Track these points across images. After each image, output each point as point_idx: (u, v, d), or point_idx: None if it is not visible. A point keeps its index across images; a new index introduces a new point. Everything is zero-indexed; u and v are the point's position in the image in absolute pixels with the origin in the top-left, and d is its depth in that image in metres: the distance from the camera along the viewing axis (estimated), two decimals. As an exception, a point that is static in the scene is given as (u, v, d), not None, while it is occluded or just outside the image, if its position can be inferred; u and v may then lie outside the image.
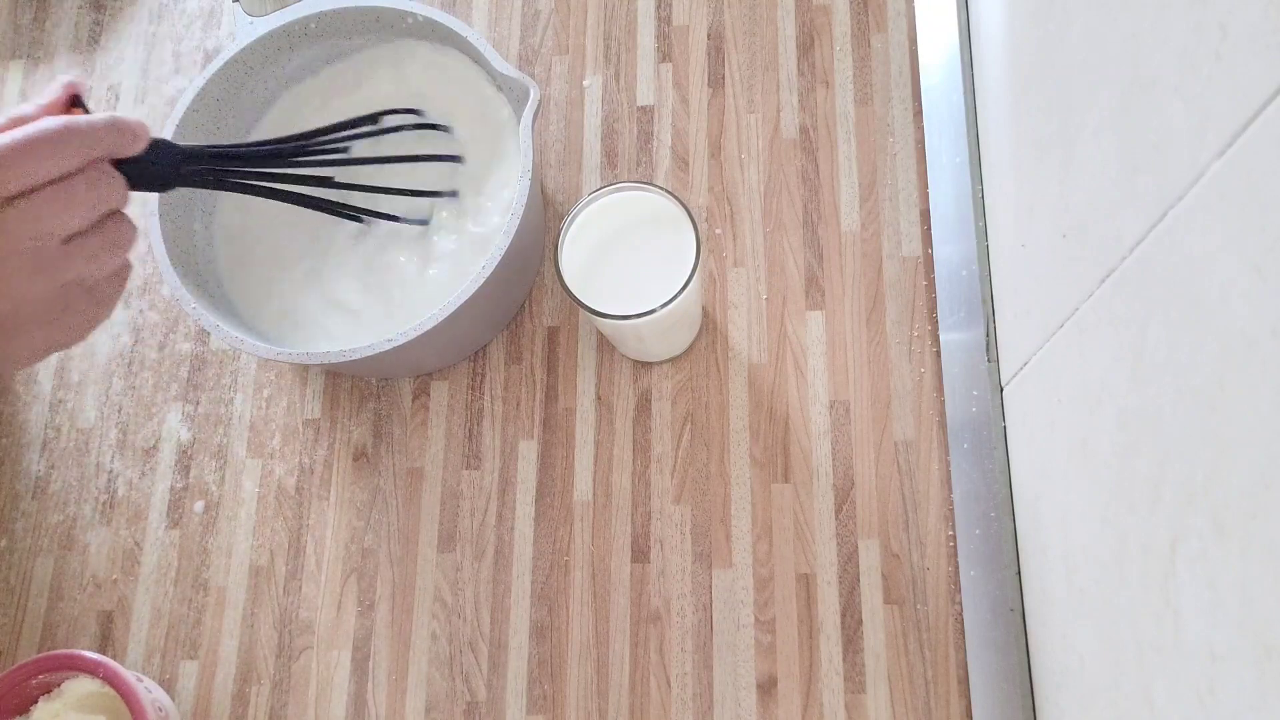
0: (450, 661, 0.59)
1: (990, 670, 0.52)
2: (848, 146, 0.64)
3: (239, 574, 0.62)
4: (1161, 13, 0.33)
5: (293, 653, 0.61)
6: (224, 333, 0.56)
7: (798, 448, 0.59)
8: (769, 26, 0.67)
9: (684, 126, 0.66)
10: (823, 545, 0.58)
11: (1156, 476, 0.35)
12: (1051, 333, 0.46)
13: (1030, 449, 0.50)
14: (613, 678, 0.57)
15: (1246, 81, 0.28)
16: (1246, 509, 0.29)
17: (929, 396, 0.59)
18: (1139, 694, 0.37)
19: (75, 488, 0.66)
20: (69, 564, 0.64)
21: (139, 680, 0.56)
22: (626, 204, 0.54)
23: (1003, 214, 0.54)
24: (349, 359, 0.55)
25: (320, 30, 0.63)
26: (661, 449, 0.61)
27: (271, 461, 0.64)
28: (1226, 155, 0.29)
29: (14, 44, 0.77)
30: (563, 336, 0.64)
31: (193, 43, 0.75)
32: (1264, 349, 0.27)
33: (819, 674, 0.56)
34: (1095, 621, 0.41)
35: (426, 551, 0.61)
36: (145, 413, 0.66)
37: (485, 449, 0.63)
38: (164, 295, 0.69)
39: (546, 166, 0.67)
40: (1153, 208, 0.34)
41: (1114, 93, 0.37)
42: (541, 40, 0.70)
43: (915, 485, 0.58)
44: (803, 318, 0.62)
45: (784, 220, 0.63)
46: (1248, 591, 0.29)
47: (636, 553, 0.59)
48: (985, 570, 0.53)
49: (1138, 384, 0.36)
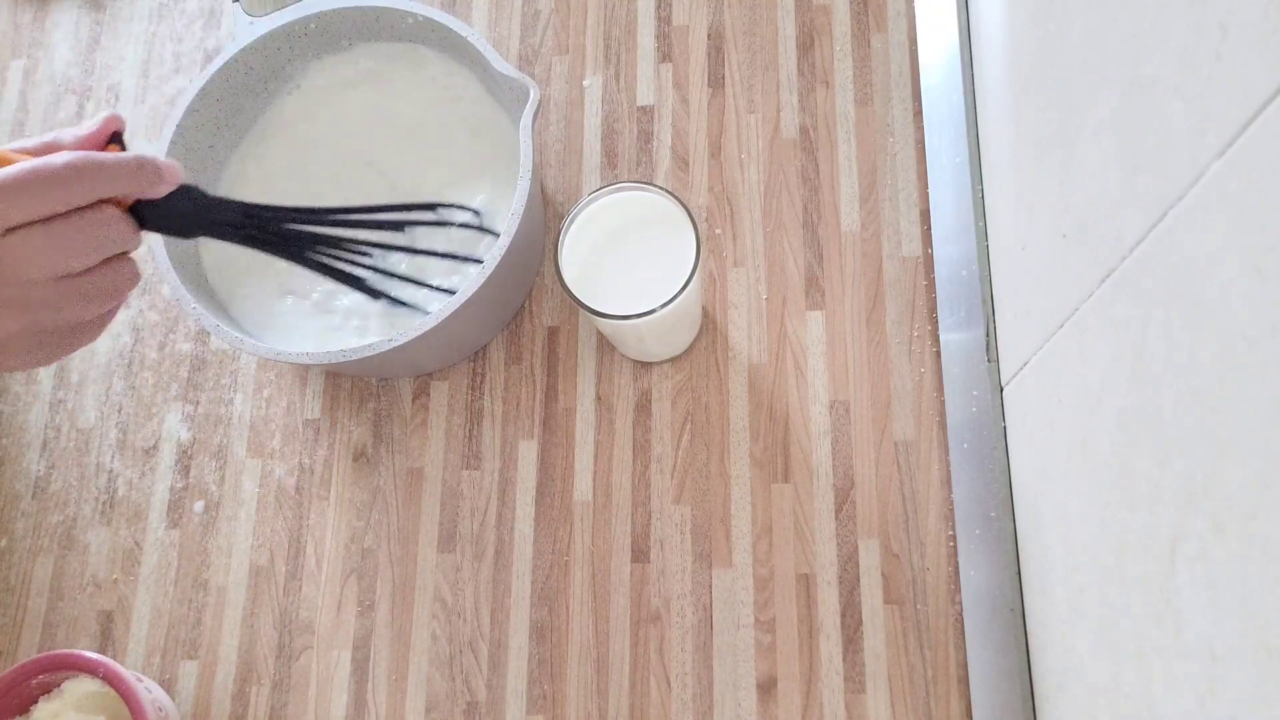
0: (450, 661, 0.59)
1: (990, 670, 0.52)
2: (848, 146, 0.64)
3: (239, 574, 0.62)
4: (1161, 13, 0.33)
5: (293, 653, 0.61)
6: (224, 333, 0.56)
7: (798, 448, 0.59)
8: (769, 26, 0.67)
9: (684, 126, 0.66)
10: (823, 545, 0.57)
11: (1156, 476, 0.35)
12: (1051, 333, 0.46)
13: (1030, 449, 0.50)
14: (613, 678, 0.57)
15: (1246, 81, 0.28)
16: (1246, 509, 0.29)
17: (929, 396, 0.59)
18: (1139, 694, 0.37)
19: (75, 488, 0.66)
20: (69, 564, 0.64)
21: (139, 680, 0.56)
22: (626, 204, 0.54)
23: (1003, 214, 0.54)
24: (349, 359, 0.55)
25: (320, 30, 0.63)
26: (661, 449, 0.61)
27: (271, 461, 0.64)
28: (1226, 155, 0.29)
29: (14, 44, 0.77)
30: (563, 336, 0.64)
31: (193, 43, 0.75)
32: (1264, 349, 0.27)
33: (819, 674, 0.56)
34: (1095, 621, 0.41)
35: (426, 552, 0.61)
36: (145, 413, 0.67)
37: (485, 449, 0.63)
38: (164, 295, 0.69)
39: (546, 166, 0.67)
40: (1153, 208, 0.34)
41: (1114, 93, 0.37)
42: (541, 40, 0.70)
43: (915, 485, 0.58)
44: (803, 318, 0.62)
45: (784, 220, 0.63)
46: (1248, 591, 0.29)
47: (636, 553, 0.59)
48: (985, 570, 0.53)
49: (1138, 384, 0.36)
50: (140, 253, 0.69)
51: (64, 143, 0.39)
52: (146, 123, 0.73)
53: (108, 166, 0.37)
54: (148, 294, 0.69)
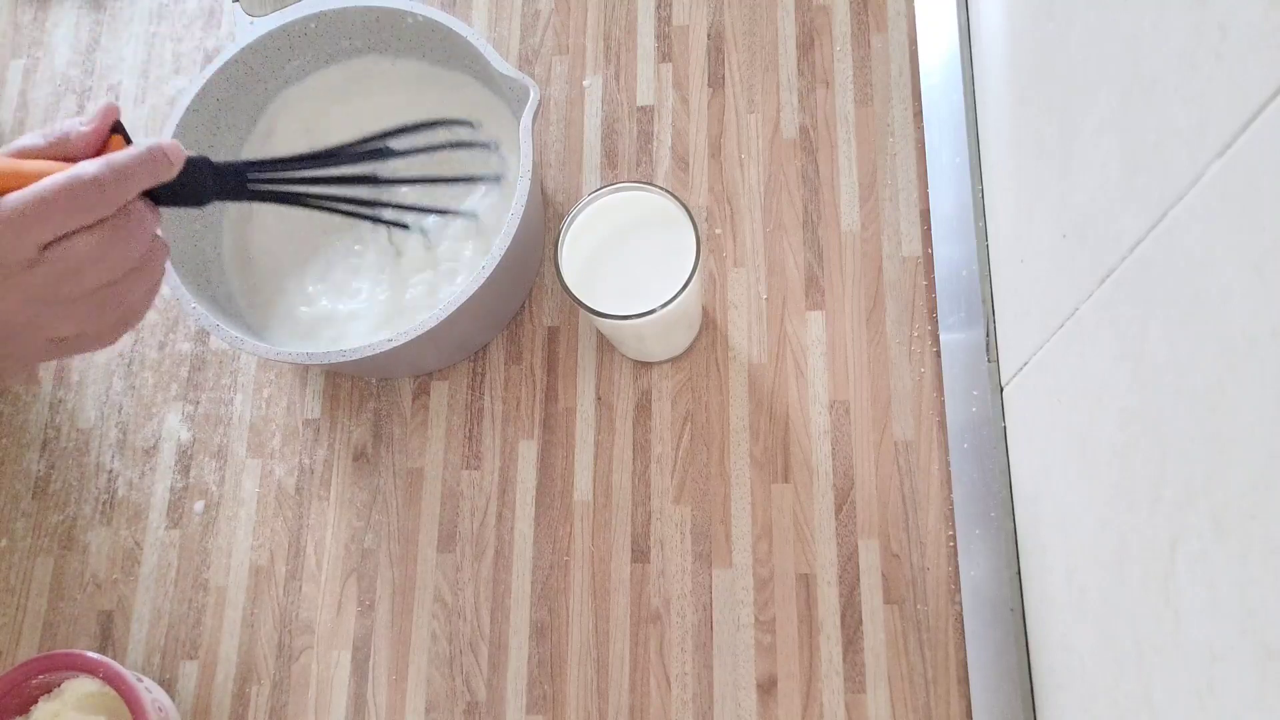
0: (450, 661, 0.59)
1: (990, 670, 0.52)
2: (848, 146, 0.64)
3: (239, 574, 0.62)
4: (1161, 13, 0.33)
5: (293, 653, 0.61)
6: (224, 333, 0.56)
7: (798, 448, 0.59)
8: (769, 26, 0.67)
9: (684, 126, 0.66)
10: (823, 545, 0.58)
11: (1156, 476, 0.35)
12: (1051, 333, 0.46)
13: (1030, 449, 0.50)
14: (613, 678, 0.57)
15: (1246, 81, 0.28)
16: (1246, 509, 0.29)
17: (929, 396, 0.59)
18: (1139, 694, 0.37)
19: (75, 488, 0.66)
20: (69, 564, 0.64)
21: (139, 680, 0.55)
22: (626, 204, 0.54)
23: (1003, 214, 0.54)
24: (349, 359, 0.55)
25: (320, 30, 0.63)
26: (661, 449, 0.61)
27: (271, 461, 0.64)
28: (1226, 155, 0.29)
29: (14, 44, 0.77)
30: (563, 336, 0.64)
31: (193, 43, 0.75)
32: (1264, 349, 0.27)
33: (819, 674, 0.56)
34: (1095, 621, 0.41)
35: (426, 551, 0.61)
36: (145, 413, 0.67)
37: (485, 449, 0.63)
38: (164, 295, 0.69)
39: (546, 166, 0.67)
40: (1153, 208, 0.34)
41: (1114, 93, 0.37)
42: (541, 40, 0.70)
43: (915, 485, 0.58)
44: (803, 318, 0.62)
45: (784, 220, 0.63)
46: (1248, 591, 0.29)
47: (636, 553, 0.59)
48: (985, 570, 0.53)
49: (1138, 384, 0.36)
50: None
51: (71, 140, 0.39)
52: (146, 123, 0.73)
53: (130, 169, 0.38)
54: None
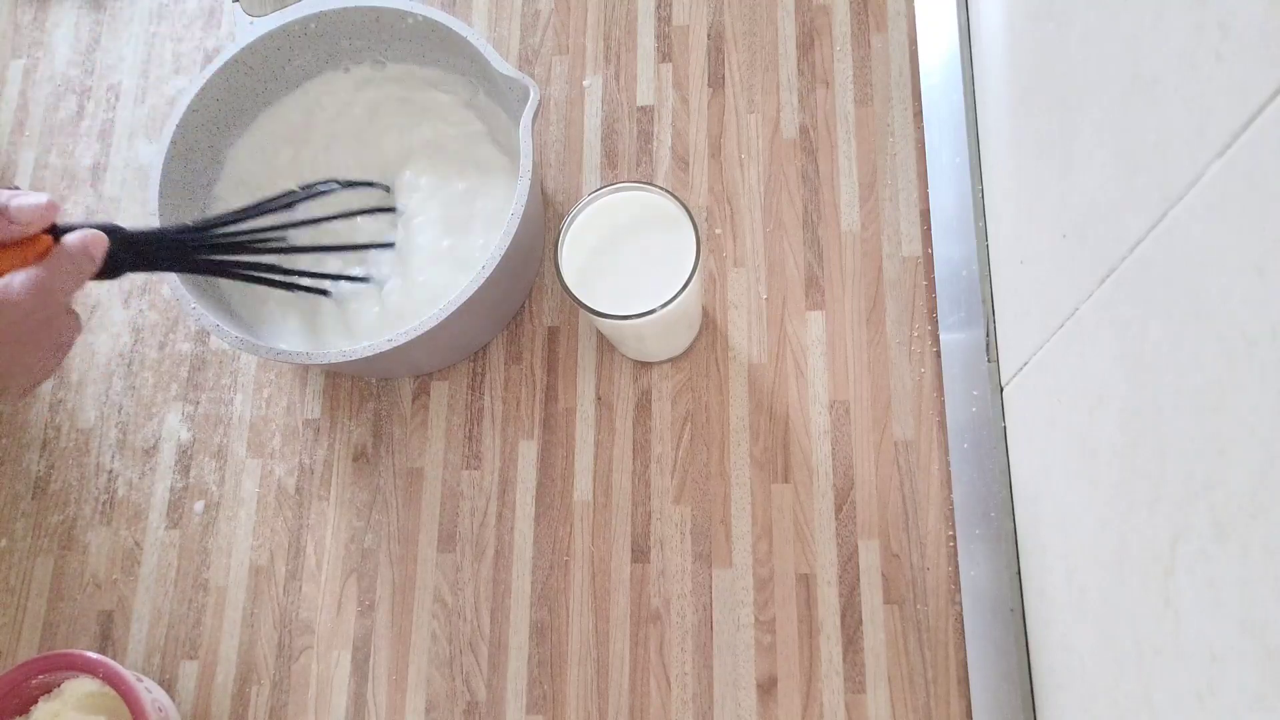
0: (450, 661, 0.59)
1: (990, 670, 0.52)
2: (848, 146, 0.64)
3: (239, 574, 0.62)
4: (1161, 13, 0.33)
5: (293, 653, 0.61)
6: (224, 333, 0.56)
7: (798, 448, 0.59)
8: (769, 26, 0.67)
9: (684, 126, 0.66)
10: (823, 545, 0.58)
11: (1156, 476, 0.35)
12: (1051, 333, 0.46)
13: (1030, 449, 0.50)
14: (613, 678, 0.57)
15: (1246, 81, 0.28)
16: (1246, 509, 0.29)
17: (929, 396, 0.59)
18: (1139, 694, 0.37)
19: (75, 488, 0.66)
20: (69, 564, 0.64)
21: (139, 680, 0.55)
22: (626, 204, 0.54)
23: (1003, 214, 0.54)
24: (349, 359, 0.55)
25: (320, 31, 0.63)
26: (661, 449, 0.61)
27: (271, 461, 0.64)
28: (1226, 155, 0.29)
29: (14, 44, 0.77)
30: (563, 336, 0.64)
31: (193, 43, 0.75)
32: (1264, 349, 0.27)
33: (819, 674, 0.56)
34: (1095, 621, 0.41)
35: (426, 551, 0.61)
36: (145, 413, 0.67)
37: (485, 449, 0.63)
38: (164, 295, 0.69)
39: (546, 166, 0.67)
40: (1153, 208, 0.34)
41: (1114, 93, 0.37)
42: (541, 40, 0.70)
43: (915, 485, 0.58)
44: (803, 318, 0.62)
45: (784, 220, 0.63)
46: (1248, 591, 0.29)
47: (636, 553, 0.59)
48: (985, 570, 0.53)
49: (1138, 384, 0.36)
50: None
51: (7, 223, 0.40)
52: (146, 123, 0.73)
53: (56, 279, 0.40)
54: (148, 294, 0.69)
